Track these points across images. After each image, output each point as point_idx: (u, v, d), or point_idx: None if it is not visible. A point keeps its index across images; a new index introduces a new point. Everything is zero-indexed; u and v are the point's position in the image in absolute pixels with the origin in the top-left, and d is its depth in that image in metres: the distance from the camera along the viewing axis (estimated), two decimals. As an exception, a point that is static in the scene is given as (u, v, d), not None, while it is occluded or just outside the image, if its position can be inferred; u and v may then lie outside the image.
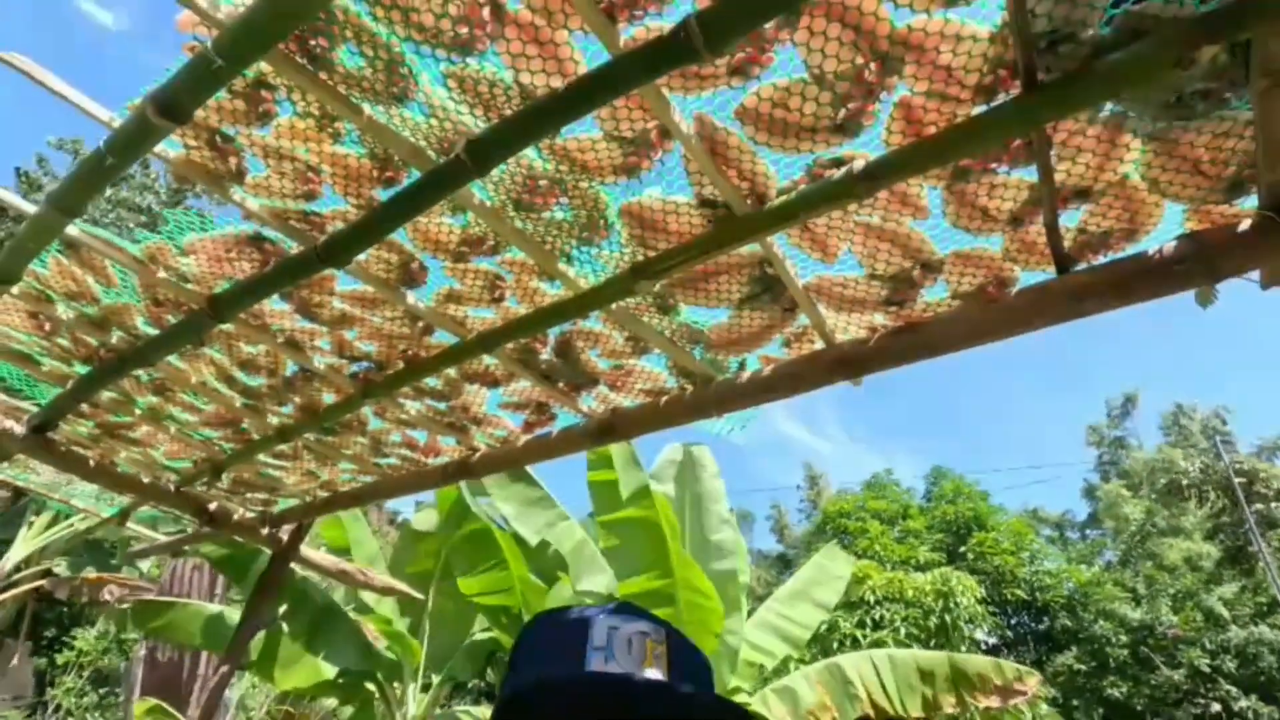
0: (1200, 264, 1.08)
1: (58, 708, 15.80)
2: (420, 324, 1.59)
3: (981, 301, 1.28)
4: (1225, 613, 17.55)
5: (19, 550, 9.42)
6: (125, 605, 9.44)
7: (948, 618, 10.88)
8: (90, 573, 9.54)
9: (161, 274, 1.51)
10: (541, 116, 1.01)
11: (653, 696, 0.58)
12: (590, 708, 0.57)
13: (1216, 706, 16.37)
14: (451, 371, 1.72)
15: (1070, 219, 1.17)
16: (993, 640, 21.01)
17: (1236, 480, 20.59)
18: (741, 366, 1.58)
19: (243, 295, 1.42)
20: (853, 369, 1.41)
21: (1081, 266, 1.21)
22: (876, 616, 11.13)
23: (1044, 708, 11.91)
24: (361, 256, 1.39)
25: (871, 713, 4.61)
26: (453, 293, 1.48)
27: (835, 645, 10.60)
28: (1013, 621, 22.30)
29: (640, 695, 0.57)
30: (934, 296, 1.33)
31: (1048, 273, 1.24)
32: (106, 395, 2.04)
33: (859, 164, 1.06)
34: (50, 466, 2.56)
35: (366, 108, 1.10)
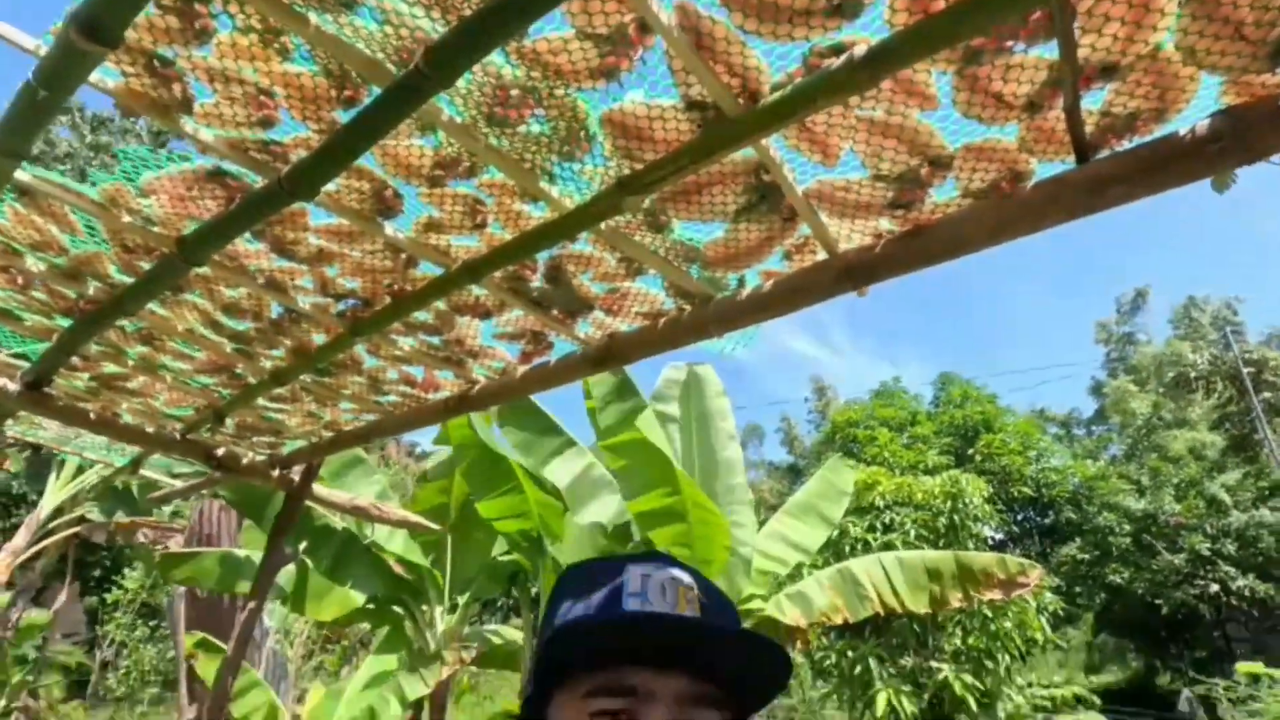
0: (1236, 143, 0.99)
1: (112, 641, 16.77)
2: (402, 256, 1.52)
3: (994, 198, 1.20)
4: (1227, 499, 17.95)
5: (50, 500, 9.72)
6: (159, 547, 9.80)
7: (956, 518, 11.16)
8: (121, 518, 9.85)
9: (126, 218, 1.44)
10: (505, 14, 0.90)
11: (688, 630, 0.60)
12: (628, 643, 0.59)
13: (1215, 587, 17.02)
14: (441, 304, 1.66)
15: (1093, 100, 1.07)
16: (999, 536, 21.70)
17: (1245, 370, 20.61)
18: (741, 283, 1.51)
19: (211, 236, 1.34)
20: (858, 279, 1.34)
21: (1104, 154, 1.11)
22: (886, 520, 11.43)
23: (1048, 596, 12.39)
24: (331, 187, 1.31)
25: (881, 611, 4.79)
26: (432, 221, 1.40)
27: (847, 549, 10.95)
28: (1019, 517, 23.00)
29: (676, 629, 0.60)
30: (943, 196, 1.24)
31: (1067, 163, 1.14)
32: (96, 348, 2.01)
33: (860, 50, 0.96)
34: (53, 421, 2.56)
35: (312, 17, 0.99)
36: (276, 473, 2.64)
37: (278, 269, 1.57)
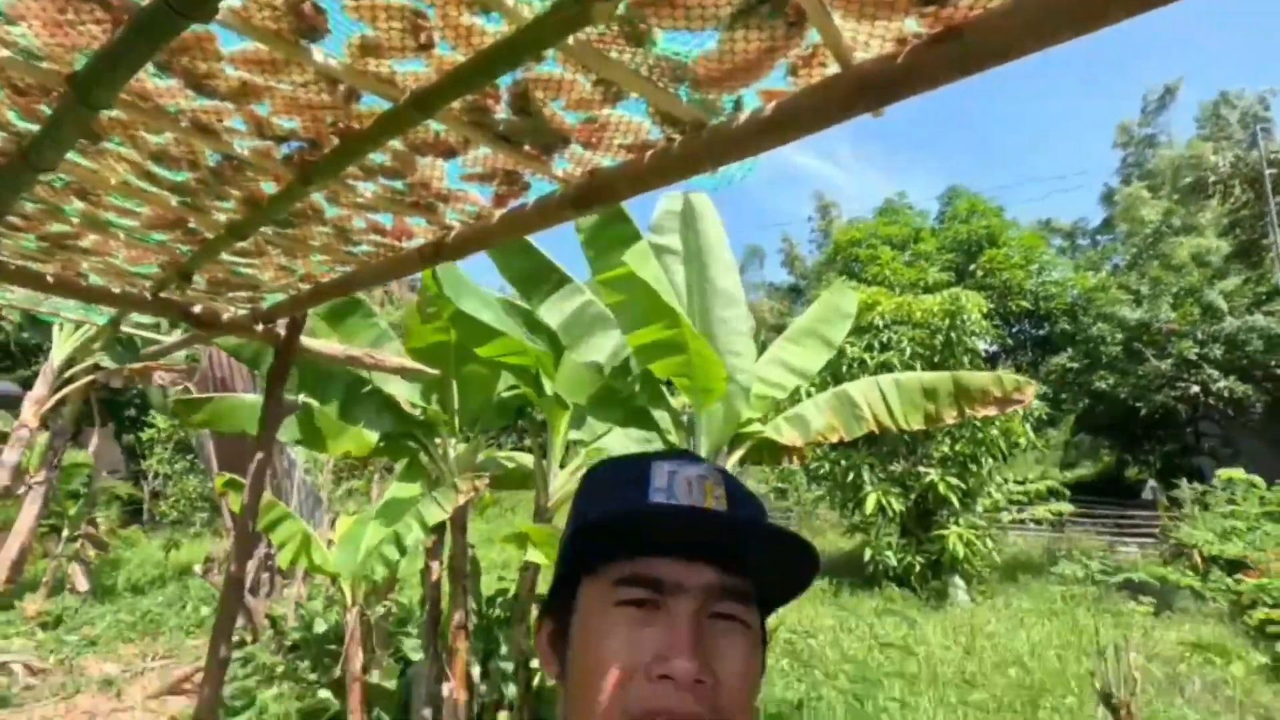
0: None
1: (156, 474, 18.03)
2: (341, 88, 1.29)
3: (1052, -15, 0.96)
4: (1223, 305, 18.13)
5: (60, 350, 9.87)
6: (177, 388, 10.09)
7: (954, 335, 11.33)
8: (133, 364, 10.05)
9: (4, 52, 1.21)
10: None
11: (715, 524, 0.60)
12: (655, 536, 0.59)
13: (1195, 389, 17.74)
14: (396, 143, 1.46)
15: None
16: (993, 349, 22.28)
17: (1268, 170, 19.79)
18: (737, 106, 1.30)
19: (104, 70, 1.12)
20: (876, 97, 1.13)
21: (1202, -84, 0.87)
22: (884, 340, 11.62)
23: (1034, 403, 12.95)
24: (233, 1, 1.07)
25: (876, 430, 4.96)
26: (366, 42, 1.16)
27: (844, 369, 11.26)
28: (1014, 330, 23.45)
29: (703, 523, 0.59)
30: (987, -16, 1.00)
31: (1151, -69, 0.90)
32: (31, 205, 1.83)
33: None
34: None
35: None
36: (261, 327, 2.56)
37: (200, 109, 1.36)
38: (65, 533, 10.77)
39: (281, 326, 2.66)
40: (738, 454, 4.99)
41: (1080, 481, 22.48)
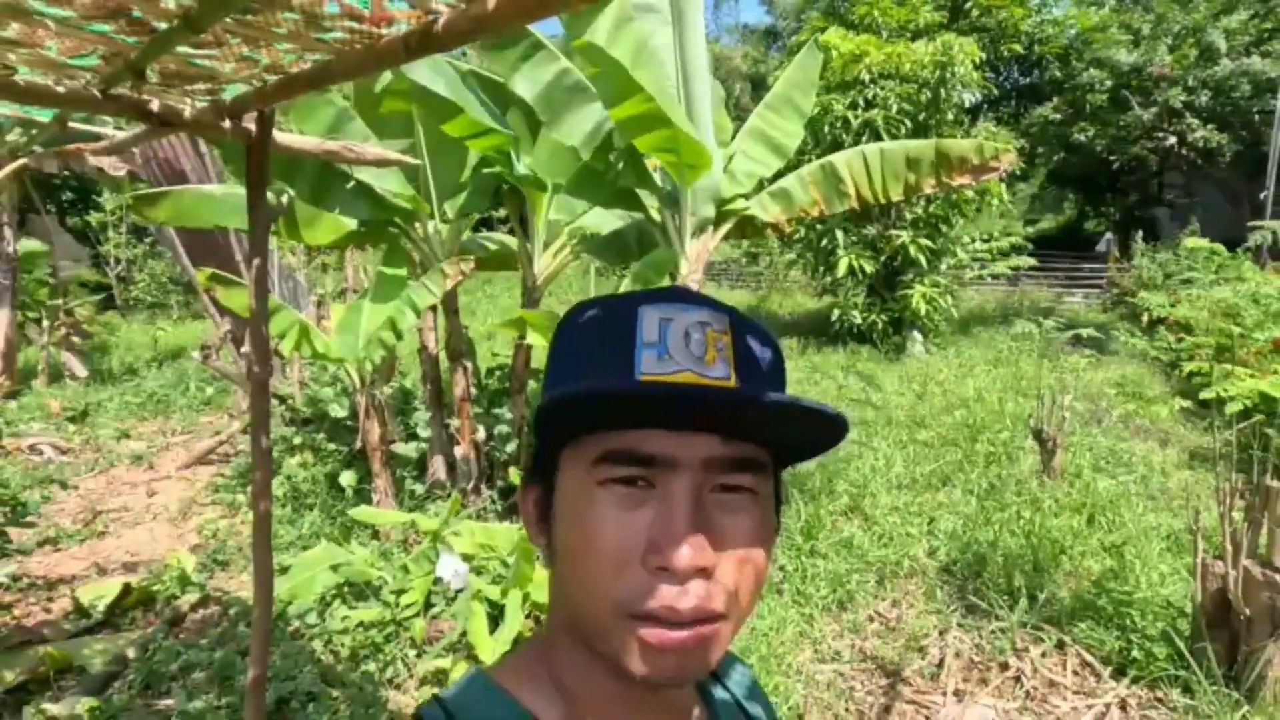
0: None
1: (118, 260, 17.54)
2: None
3: None
4: (1223, 44, 17.21)
5: (-24, 134, 8.95)
6: (119, 172, 9.42)
7: (942, 90, 10.77)
8: (66, 146, 9.23)
9: None
10: None
11: (718, 405, 0.47)
12: (643, 411, 0.47)
13: (1173, 139, 17.56)
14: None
15: None
16: (976, 98, 21.28)
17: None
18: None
19: None
20: None
21: None
22: (869, 96, 11.03)
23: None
24: None
25: (858, 206, 4.98)
26: None
27: (826, 128, 10.83)
28: (1000, 78, 22.22)
29: (701, 405, 0.47)
30: None
31: None
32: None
33: None
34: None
35: None
36: (228, 124, 2.38)
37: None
38: (45, 322, 10.80)
39: (250, 122, 2.48)
40: (722, 231, 5.03)
41: (1040, 235, 23.16)
